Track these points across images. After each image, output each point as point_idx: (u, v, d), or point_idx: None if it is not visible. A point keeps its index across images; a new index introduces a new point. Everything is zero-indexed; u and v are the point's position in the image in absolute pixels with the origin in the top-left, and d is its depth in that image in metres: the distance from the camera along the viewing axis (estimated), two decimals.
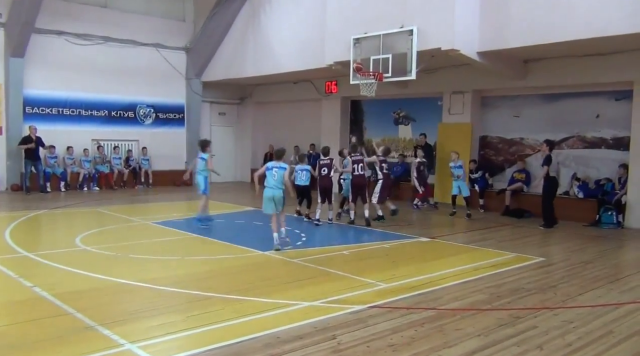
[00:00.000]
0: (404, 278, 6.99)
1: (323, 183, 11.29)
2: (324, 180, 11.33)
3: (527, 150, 13.82)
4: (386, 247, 9.19)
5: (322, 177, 11.32)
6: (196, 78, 19.42)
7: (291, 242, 8.98)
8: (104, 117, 17.89)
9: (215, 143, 20.76)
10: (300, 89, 18.74)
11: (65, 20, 16.64)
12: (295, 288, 6.48)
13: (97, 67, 17.29)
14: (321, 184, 11.28)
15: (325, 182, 11.34)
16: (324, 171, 11.34)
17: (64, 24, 16.63)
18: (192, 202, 15.63)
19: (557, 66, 12.54)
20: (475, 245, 9.45)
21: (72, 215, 12.39)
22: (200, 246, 9.16)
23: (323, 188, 11.30)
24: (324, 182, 11.29)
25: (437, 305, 5.87)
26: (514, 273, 7.41)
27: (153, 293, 6.16)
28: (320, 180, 11.29)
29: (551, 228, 11.28)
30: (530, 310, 5.76)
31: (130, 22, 17.94)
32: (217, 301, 5.84)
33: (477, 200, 13.92)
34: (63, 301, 5.71)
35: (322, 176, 11.32)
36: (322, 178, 11.28)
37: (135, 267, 7.42)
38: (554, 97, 13.31)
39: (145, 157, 18.49)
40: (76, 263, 7.49)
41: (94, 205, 13.58)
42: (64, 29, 16.64)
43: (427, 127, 15.46)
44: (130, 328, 4.98)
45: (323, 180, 11.29)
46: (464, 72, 13.91)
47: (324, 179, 11.31)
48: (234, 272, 7.26)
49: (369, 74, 12.15)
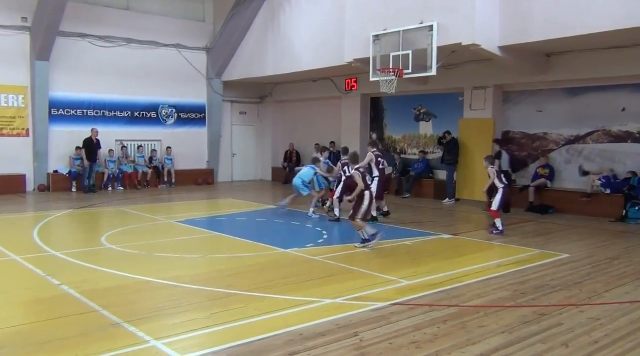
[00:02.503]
0: (426, 276, 6.95)
1: (348, 181, 10.92)
2: (350, 179, 10.77)
3: (551, 145, 13.61)
4: (408, 244, 9.14)
5: (348, 177, 10.77)
6: (217, 78, 19.56)
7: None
8: (127, 117, 18.14)
9: (236, 142, 21.07)
10: (320, 87, 18.74)
11: (89, 23, 16.91)
12: (317, 285, 6.49)
13: (119, 68, 17.54)
14: (346, 182, 11.00)
15: (351, 180, 10.97)
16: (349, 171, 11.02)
17: (87, 27, 16.90)
18: (214, 200, 15.80)
19: (581, 59, 12.32)
20: (499, 242, 9.35)
21: (98, 214, 12.59)
22: (222, 244, 9.23)
23: (347, 186, 11.04)
24: (349, 180, 10.89)
25: (459, 302, 5.82)
26: (538, 270, 7.31)
27: (176, 291, 6.22)
28: (346, 179, 10.98)
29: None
30: (555, 307, 5.68)
31: (151, 24, 18.15)
32: (239, 299, 5.87)
33: None
34: (89, 298, 5.80)
35: (348, 176, 10.77)
36: (348, 179, 10.65)
37: (159, 265, 7.51)
38: (578, 91, 13.08)
39: (169, 156, 18.70)
40: (102, 262, 7.61)
41: (119, 205, 13.78)
42: (87, 31, 16.92)
43: (448, 123, 15.33)
44: (155, 326, 5.04)
45: (349, 179, 10.66)
46: (485, 67, 13.75)
47: (349, 179, 10.63)
48: (255, 270, 7.29)
49: (389, 71, 12.10)
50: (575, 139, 13.15)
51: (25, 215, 12.30)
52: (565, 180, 13.28)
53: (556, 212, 12.62)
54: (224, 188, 18.50)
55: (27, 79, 16.19)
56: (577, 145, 13.11)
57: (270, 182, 21.03)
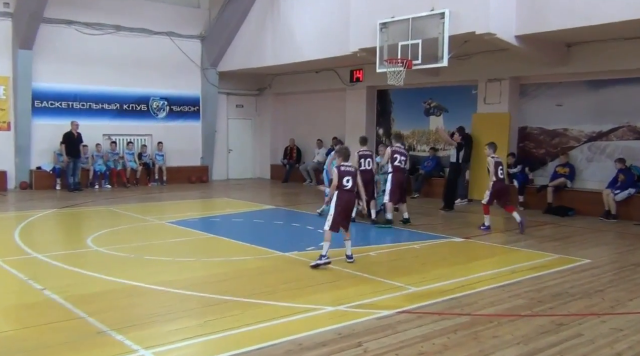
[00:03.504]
0: (435, 282, 6.95)
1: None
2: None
3: (571, 142, 13.59)
4: (416, 248, 9.14)
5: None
6: (212, 68, 19.56)
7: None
8: (116, 110, 18.15)
9: (232, 137, 21.08)
10: (322, 78, 18.74)
11: (75, 9, 16.91)
12: (318, 291, 6.50)
13: (108, 58, 17.54)
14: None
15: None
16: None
17: (74, 13, 16.90)
18: (208, 200, 15.81)
19: (603, 50, 12.29)
20: (514, 246, 9.35)
21: (83, 214, 12.61)
22: (217, 247, 9.24)
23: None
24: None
25: (471, 311, 5.82)
26: (556, 276, 7.30)
27: (168, 297, 6.23)
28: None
29: (452, 211, 12.48)
30: (575, 317, 5.68)
31: (142, 10, 18.15)
32: (235, 306, 5.88)
33: (516, 197, 13.74)
34: (74, 304, 5.82)
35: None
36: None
37: (149, 269, 7.52)
38: (600, 84, 13.05)
39: (160, 152, 18.71)
40: (88, 265, 7.63)
41: (106, 204, 13.80)
42: (74, 18, 16.91)
43: (460, 117, 15.30)
44: (144, 333, 5.05)
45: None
46: (501, 57, 13.72)
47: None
48: (253, 275, 7.30)
49: (397, 61, 12.08)
50: (598, 136, 13.13)
51: (6, 214, 12.33)
52: (586, 179, 13.26)
53: (576, 214, 12.60)
54: (219, 187, 18.51)
55: (9, 69, 16.20)
56: (600, 142, 13.09)
57: (268, 180, 21.04)
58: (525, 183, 13.80)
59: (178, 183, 18.72)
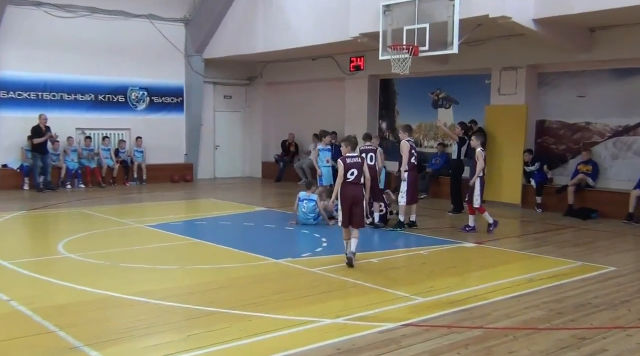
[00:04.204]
0: (444, 291, 6.96)
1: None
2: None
3: (595, 137, 13.61)
4: (423, 254, 9.14)
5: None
6: (197, 55, 19.53)
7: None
8: (90, 102, 18.10)
9: (219, 131, 21.06)
10: (320, 66, 18.73)
11: None
12: (314, 302, 6.50)
13: (81, 43, 17.49)
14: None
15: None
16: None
17: None
18: (193, 201, 15.79)
19: (631, 35, 12.30)
20: (531, 252, 9.36)
21: (54, 217, 12.58)
22: (202, 253, 9.23)
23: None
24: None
25: (484, 323, 5.83)
26: (578, 286, 7.32)
27: (148, 308, 6.23)
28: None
29: (459, 213, 12.48)
30: (598, 330, 5.69)
31: None
32: (223, 318, 5.88)
33: (533, 198, 13.77)
34: (44, 317, 5.80)
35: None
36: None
37: (127, 278, 7.50)
38: (627, 73, 13.07)
39: (140, 148, 18.68)
40: (59, 273, 7.60)
41: (79, 205, 13.75)
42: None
43: (472, 110, 15.32)
44: (121, 349, 5.04)
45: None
46: (517, 44, 13.73)
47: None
48: (242, 284, 7.30)
49: (401, 48, 12.08)
50: (624, 130, 13.16)
51: None
52: (611, 178, 13.28)
53: (600, 217, 12.62)
54: (205, 187, 18.50)
55: None
56: (626, 137, 13.11)
57: (259, 179, 21.04)
58: (543, 182, 13.81)
59: (159, 182, 18.68)
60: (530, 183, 13.86)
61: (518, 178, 14.15)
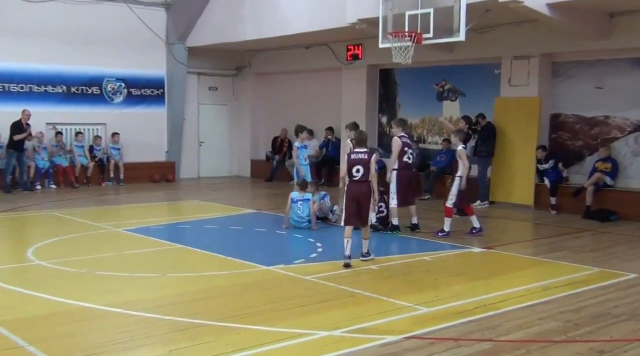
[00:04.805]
0: (450, 301, 6.97)
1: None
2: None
3: (614, 132, 13.66)
4: (427, 260, 9.15)
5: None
6: (179, 43, 19.50)
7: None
8: (62, 94, 18.05)
9: (204, 126, 21.03)
10: (314, 55, 18.73)
11: None
12: (309, 313, 6.49)
13: (52, 30, 17.42)
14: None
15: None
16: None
17: None
18: (175, 203, 15.76)
19: None
20: (545, 257, 9.37)
21: (23, 220, 12.54)
22: (186, 260, 9.23)
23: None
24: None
25: (494, 336, 5.84)
26: (596, 294, 7.33)
27: (126, 321, 6.21)
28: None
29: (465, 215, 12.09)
30: (619, 342, 5.70)
31: None
32: (208, 331, 5.87)
33: (547, 198, 13.79)
34: (11, 330, 5.77)
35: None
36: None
37: (103, 287, 7.48)
38: None
39: (117, 145, 18.64)
40: (28, 283, 7.58)
41: (50, 208, 13.71)
42: None
43: (480, 102, 15.34)
44: None
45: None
46: (529, 30, 13.77)
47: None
48: (229, 293, 7.29)
49: (403, 35, 12.09)
50: None
51: None
52: (632, 177, 13.32)
53: (620, 219, 12.65)
54: (188, 187, 18.49)
55: None
56: None
57: (248, 178, 21.04)
58: (558, 181, 13.84)
59: (138, 182, 18.65)
60: (543, 183, 13.89)
61: (530, 177, 14.17)
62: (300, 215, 11.26)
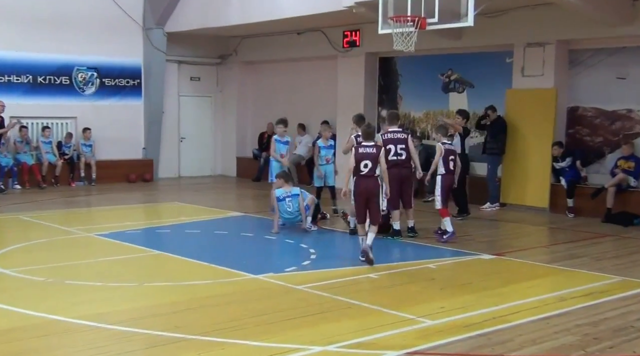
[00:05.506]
0: (457, 313, 6.98)
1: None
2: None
3: (637, 128, 13.70)
4: (432, 268, 9.17)
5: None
6: (158, 28, 19.47)
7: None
8: (28, 84, 18.02)
9: (185, 121, 21.00)
10: (307, 42, 18.74)
11: None
12: (301, 326, 6.51)
13: (16, 13, 17.39)
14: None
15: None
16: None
17: None
18: (153, 205, 15.73)
19: None
20: (561, 265, 9.40)
21: None
22: (165, 268, 9.22)
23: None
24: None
25: (505, 351, 5.86)
26: (617, 305, 7.36)
27: (99, 335, 6.20)
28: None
29: (468, 215, 12.94)
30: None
31: None
32: (190, 346, 5.87)
33: (563, 200, 13.83)
34: None
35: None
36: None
37: (74, 298, 7.47)
38: None
39: (88, 141, 18.60)
40: None
41: (14, 210, 13.68)
42: None
43: (490, 94, 15.37)
44: None
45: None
46: (544, 15, 13.81)
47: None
48: (213, 304, 7.29)
49: (406, 20, 12.10)
50: None
51: None
52: None
53: None
54: (168, 188, 18.49)
55: None
56: None
57: (234, 178, 21.03)
58: (576, 182, 13.87)
59: (112, 182, 18.63)
60: (560, 183, 13.92)
61: (546, 176, 14.20)
62: (290, 211, 11.37)
